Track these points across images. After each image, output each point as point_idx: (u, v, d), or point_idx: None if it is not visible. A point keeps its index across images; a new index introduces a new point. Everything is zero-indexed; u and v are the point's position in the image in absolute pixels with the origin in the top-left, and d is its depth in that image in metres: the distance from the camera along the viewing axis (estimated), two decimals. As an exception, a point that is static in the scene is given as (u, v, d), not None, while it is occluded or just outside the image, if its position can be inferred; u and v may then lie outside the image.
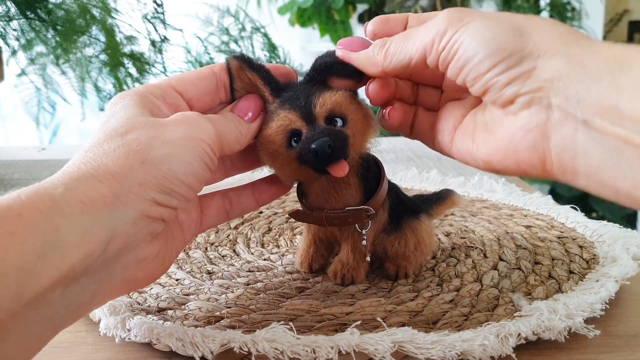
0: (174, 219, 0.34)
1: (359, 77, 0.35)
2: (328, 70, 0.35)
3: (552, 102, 0.27)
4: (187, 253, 0.46)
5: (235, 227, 0.53)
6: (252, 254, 0.46)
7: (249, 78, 0.35)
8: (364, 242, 0.38)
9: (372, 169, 0.38)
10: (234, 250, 0.47)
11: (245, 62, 0.35)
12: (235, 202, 0.38)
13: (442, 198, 0.46)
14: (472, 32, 0.29)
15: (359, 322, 0.31)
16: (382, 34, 0.34)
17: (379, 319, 0.33)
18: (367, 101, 0.36)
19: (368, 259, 0.39)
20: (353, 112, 0.35)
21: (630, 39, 2.47)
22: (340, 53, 0.35)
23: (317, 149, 0.32)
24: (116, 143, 0.28)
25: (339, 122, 0.34)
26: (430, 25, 0.31)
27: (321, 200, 0.37)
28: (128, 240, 0.27)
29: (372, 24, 0.35)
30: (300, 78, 0.37)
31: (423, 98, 0.37)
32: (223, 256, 0.45)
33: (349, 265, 0.39)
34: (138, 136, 0.28)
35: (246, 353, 0.29)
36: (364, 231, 0.38)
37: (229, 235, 0.50)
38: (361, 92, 0.38)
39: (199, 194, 0.37)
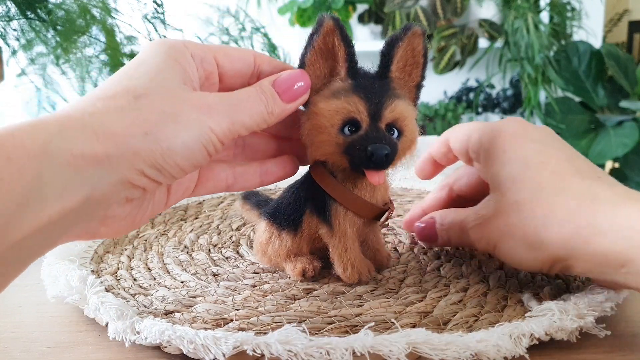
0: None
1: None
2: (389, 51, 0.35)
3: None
4: (190, 255, 0.46)
5: (237, 229, 0.52)
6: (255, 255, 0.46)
7: (333, 44, 0.34)
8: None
9: None
10: (237, 252, 0.46)
11: (340, 28, 0.34)
12: (239, 178, 0.37)
13: None
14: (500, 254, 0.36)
15: (372, 324, 0.30)
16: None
17: (393, 320, 0.32)
18: None
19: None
20: (409, 131, 0.35)
21: (630, 39, 2.48)
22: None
23: (374, 153, 0.32)
24: (129, 103, 0.27)
25: (396, 134, 0.34)
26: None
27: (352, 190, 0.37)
28: (103, 199, 0.26)
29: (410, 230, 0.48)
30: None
31: None
32: (227, 258, 0.45)
33: (360, 260, 0.39)
34: (152, 104, 0.28)
35: (259, 355, 0.28)
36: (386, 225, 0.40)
37: (232, 236, 0.50)
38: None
39: None
